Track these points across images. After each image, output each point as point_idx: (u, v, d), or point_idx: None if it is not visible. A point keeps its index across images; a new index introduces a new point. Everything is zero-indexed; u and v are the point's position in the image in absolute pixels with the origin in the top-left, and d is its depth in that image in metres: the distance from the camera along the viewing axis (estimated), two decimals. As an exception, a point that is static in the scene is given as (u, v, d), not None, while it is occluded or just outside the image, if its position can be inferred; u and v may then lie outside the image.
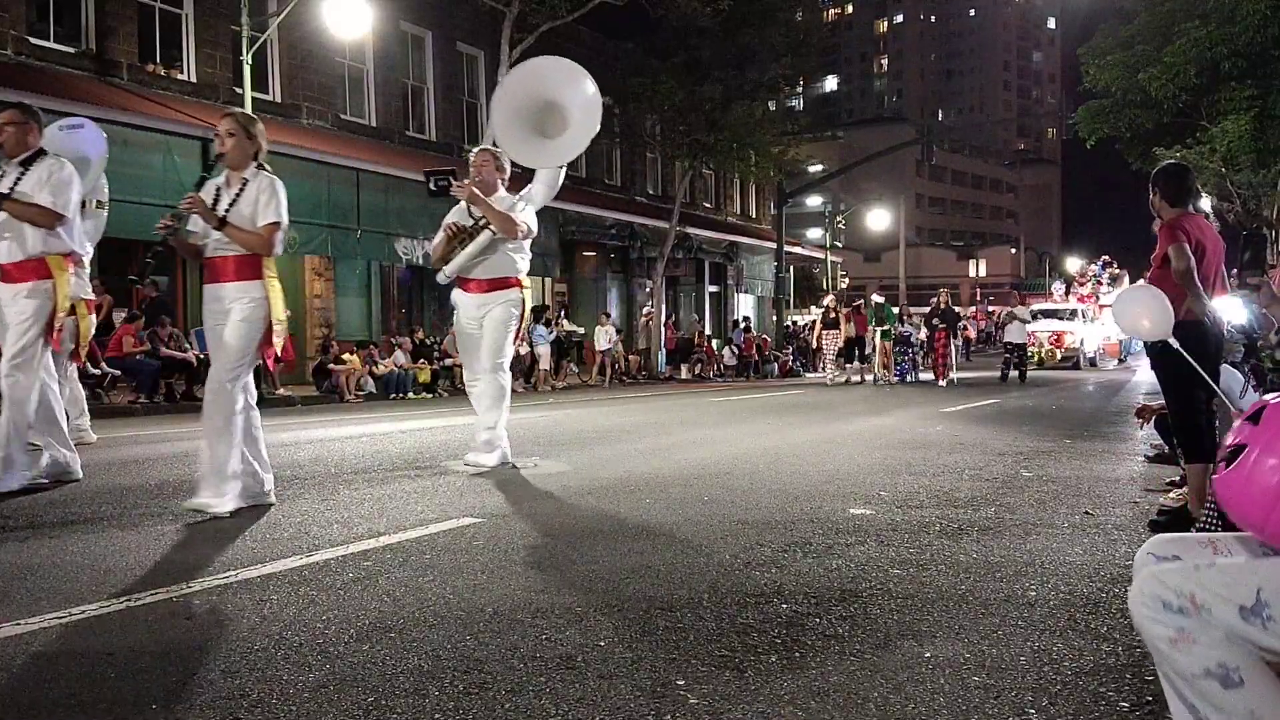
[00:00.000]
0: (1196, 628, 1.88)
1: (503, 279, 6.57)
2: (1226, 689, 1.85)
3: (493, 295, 6.56)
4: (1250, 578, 1.87)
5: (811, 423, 11.06)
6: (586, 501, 5.46)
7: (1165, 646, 1.91)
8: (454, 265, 6.55)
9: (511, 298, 6.60)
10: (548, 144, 6.46)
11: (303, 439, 9.03)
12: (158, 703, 2.46)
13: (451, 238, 6.57)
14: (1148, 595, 1.94)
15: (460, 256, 6.52)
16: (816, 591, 3.53)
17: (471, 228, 6.50)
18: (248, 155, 5.12)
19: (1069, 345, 27.87)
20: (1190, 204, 5.02)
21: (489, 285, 6.56)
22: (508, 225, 6.38)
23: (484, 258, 6.53)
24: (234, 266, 5.04)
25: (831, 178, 40.58)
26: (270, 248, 5.05)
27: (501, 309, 6.56)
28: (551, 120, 6.40)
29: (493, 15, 20.45)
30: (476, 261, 6.52)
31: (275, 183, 5.09)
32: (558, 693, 2.53)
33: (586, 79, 6.42)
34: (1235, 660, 1.86)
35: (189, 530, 4.59)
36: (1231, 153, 23.37)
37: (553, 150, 6.53)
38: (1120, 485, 6.26)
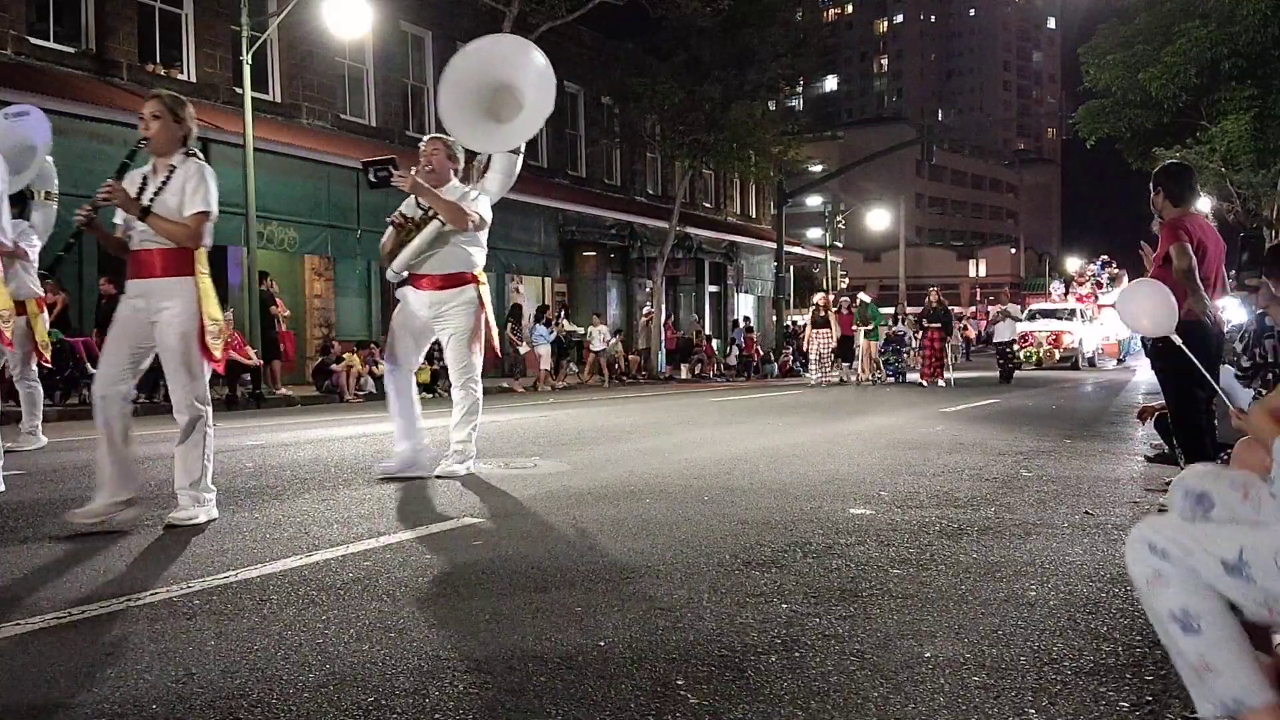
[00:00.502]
0: (1172, 572, 2.03)
1: (457, 275, 6.17)
2: (1186, 634, 2.01)
3: (447, 294, 6.16)
4: (1236, 537, 2.00)
5: (811, 423, 11.06)
6: (586, 501, 5.46)
7: (1144, 586, 2.09)
8: (401, 260, 6.16)
9: (467, 297, 6.19)
10: (501, 128, 6.07)
11: (303, 439, 9.03)
12: (158, 703, 2.46)
13: (398, 229, 6.20)
14: (1139, 538, 2.11)
15: (406, 250, 6.13)
16: (816, 591, 3.53)
17: (419, 219, 6.14)
18: (175, 140, 4.71)
19: (1067, 345, 27.80)
20: (1192, 204, 5.03)
21: (442, 281, 6.16)
22: (457, 216, 5.99)
23: (434, 251, 6.13)
24: (160, 261, 4.64)
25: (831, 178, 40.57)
26: (198, 240, 4.67)
27: (461, 316, 6.16)
28: (504, 102, 6.04)
29: (492, 15, 20.46)
30: (427, 256, 6.14)
31: (205, 170, 4.69)
32: (558, 692, 2.53)
33: (536, 53, 6.07)
34: (1199, 608, 2.00)
35: (188, 530, 4.59)
36: (1231, 152, 23.38)
37: (506, 134, 6.14)
38: (1120, 485, 6.26)
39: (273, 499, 5.50)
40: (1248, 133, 22.80)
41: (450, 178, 6.24)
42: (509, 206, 22.74)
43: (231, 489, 5.86)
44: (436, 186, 6.09)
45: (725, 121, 24.58)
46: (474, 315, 6.18)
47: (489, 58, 6.15)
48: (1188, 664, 2.02)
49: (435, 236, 6.06)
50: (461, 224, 6.01)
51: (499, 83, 6.04)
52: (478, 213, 6.08)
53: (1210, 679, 1.98)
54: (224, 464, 7.08)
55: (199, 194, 4.62)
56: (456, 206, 6.00)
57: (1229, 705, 1.97)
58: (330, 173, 18.18)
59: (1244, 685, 1.97)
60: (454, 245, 6.14)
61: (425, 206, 6.10)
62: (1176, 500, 2.32)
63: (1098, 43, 26.29)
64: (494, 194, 6.45)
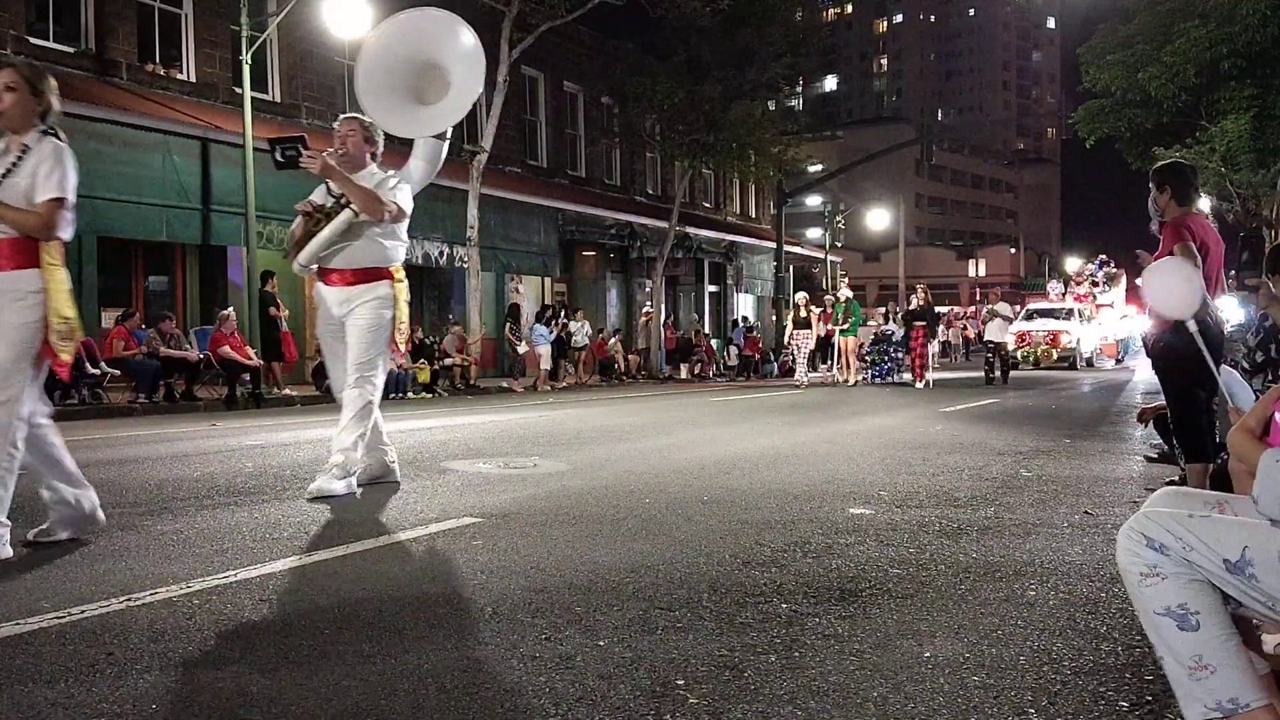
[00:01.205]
0: (1168, 566, 1.97)
1: (370, 270, 5.57)
2: (1182, 630, 1.95)
3: (358, 289, 5.55)
4: (1239, 534, 1.95)
5: (811, 423, 11.06)
6: (586, 501, 5.46)
7: (1136, 582, 2.02)
8: (307, 252, 5.55)
9: (380, 293, 5.58)
10: (425, 110, 5.59)
11: (302, 439, 9.03)
12: (157, 702, 2.46)
13: (307, 218, 5.60)
14: (1135, 530, 2.03)
15: (314, 241, 5.51)
16: (816, 591, 3.53)
17: (330, 207, 5.53)
18: (31, 115, 4.11)
19: (1065, 345, 27.73)
20: (1195, 204, 5.04)
21: (354, 277, 5.56)
22: (370, 204, 5.41)
23: (346, 244, 5.53)
24: (6, 251, 4.03)
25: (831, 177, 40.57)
26: (50, 229, 4.02)
27: (369, 310, 5.55)
28: (430, 83, 5.55)
29: (492, 15, 20.43)
30: (338, 248, 5.54)
31: (63, 151, 4.08)
32: (557, 692, 2.53)
33: (464, 29, 5.62)
34: (1196, 604, 1.95)
35: (188, 530, 4.59)
36: (1231, 152, 23.39)
37: (431, 117, 5.64)
38: (1120, 485, 6.26)
39: (272, 499, 5.49)
40: (1247, 132, 22.80)
41: (367, 162, 5.70)
42: (508, 206, 22.92)
43: (231, 489, 5.86)
44: (352, 171, 5.56)
45: (725, 121, 24.58)
46: (385, 314, 5.59)
47: (414, 33, 5.65)
48: (1179, 662, 1.97)
49: (347, 227, 5.47)
50: (377, 214, 5.43)
51: (424, 61, 5.52)
52: (396, 202, 5.51)
53: (1205, 678, 1.94)
54: (224, 464, 7.09)
55: (54, 178, 4.01)
56: (372, 194, 5.44)
57: (1224, 705, 1.92)
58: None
59: (1241, 684, 1.93)
60: (369, 238, 5.55)
61: (338, 193, 5.53)
62: None
63: (1097, 42, 26.29)
64: (417, 183, 5.92)
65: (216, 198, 16.18)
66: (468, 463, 7.08)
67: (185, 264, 17.86)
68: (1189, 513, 2.06)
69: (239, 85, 16.07)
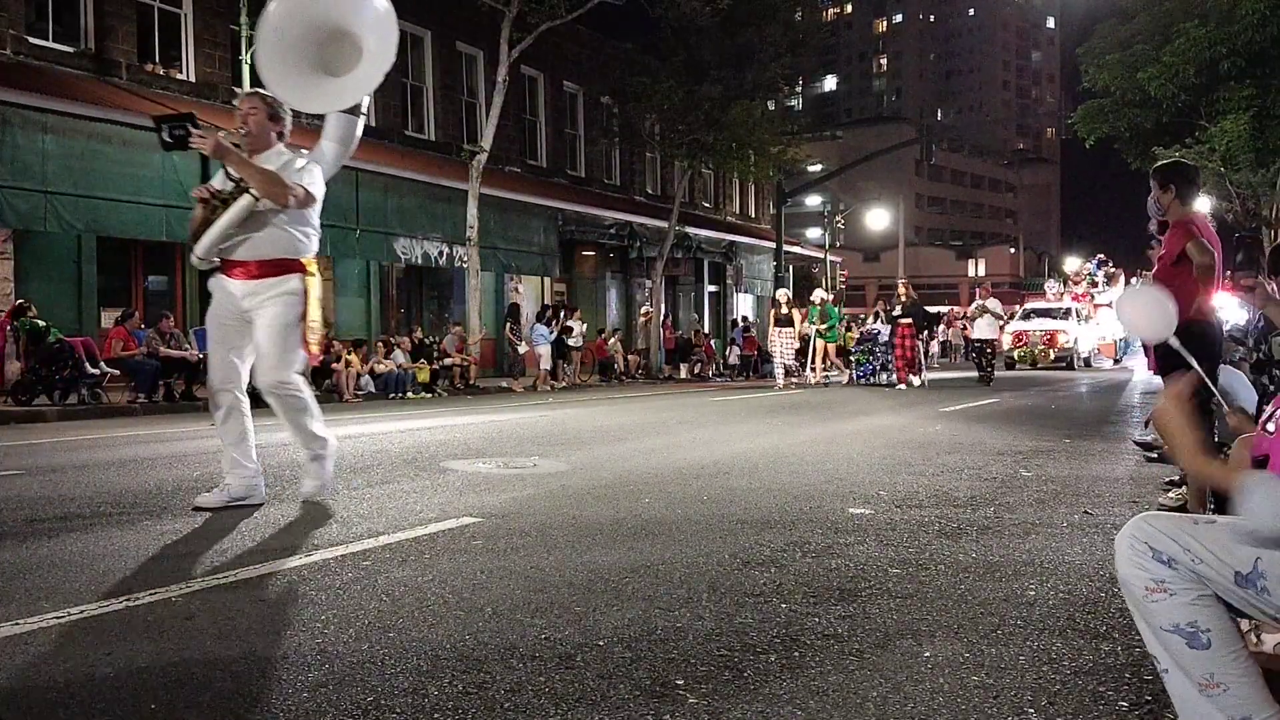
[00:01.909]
0: (1177, 582, 1.89)
1: (278, 261, 5.09)
2: (1192, 648, 1.88)
3: (264, 283, 5.07)
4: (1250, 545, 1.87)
5: (811, 422, 11.06)
6: (585, 501, 5.46)
7: (1139, 595, 1.93)
8: (205, 242, 5.04)
9: (289, 287, 5.09)
10: (335, 83, 5.07)
11: (302, 439, 9.01)
12: (157, 702, 2.46)
13: (204, 205, 5.08)
14: (1139, 539, 1.94)
15: (212, 230, 5.01)
16: (815, 591, 3.53)
17: (229, 193, 5.04)
18: None
19: (1062, 345, 27.65)
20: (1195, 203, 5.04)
21: (259, 269, 5.07)
22: (272, 187, 4.91)
23: (248, 233, 5.04)
24: None
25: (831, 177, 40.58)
26: None
27: (277, 307, 5.07)
28: (338, 53, 5.05)
29: (491, 15, 20.43)
30: (240, 238, 5.05)
31: None
32: (557, 692, 2.53)
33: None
34: (1207, 622, 1.88)
35: (188, 530, 4.59)
36: (1230, 152, 23.37)
37: (340, 89, 5.12)
38: (1119, 485, 6.26)
39: (271, 499, 5.49)
40: (1247, 132, 22.79)
41: (273, 142, 5.19)
42: (508, 206, 22.91)
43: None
44: (256, 152, 5.10)
45: (724, 121, 24.58)
46: (292, 308, 5.10)
47: None
48: (1190, 680, 1.91)
49: (248, 214, 4.99)
50: (280, 199, 4.94)
51: (332, 28, 5.04)
52: (302, 186, 5.02)
53: (1217, 695, 1.88)
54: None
55: None
56: (273, 177, 4.95)
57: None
58: (329, 172, 18.18)
59: (1254, 701, 1.88)
60: (274, 226, 5.06)
61: (237, 177, 5.04)
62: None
63: (1096, 42, 26.29)
64: (329, 163, 5.41)
65: (216, 198, 16.17)
66: (467, 462, 7.08)
67: (185, 264, 17.84)
68: (1194, 519, 2.00)
69: (239, 85, 16.06)
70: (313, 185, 5.10)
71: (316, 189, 5.13)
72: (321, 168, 5.26)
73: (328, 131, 5.46)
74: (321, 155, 5.37)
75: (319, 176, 5.19)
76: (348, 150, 5.54)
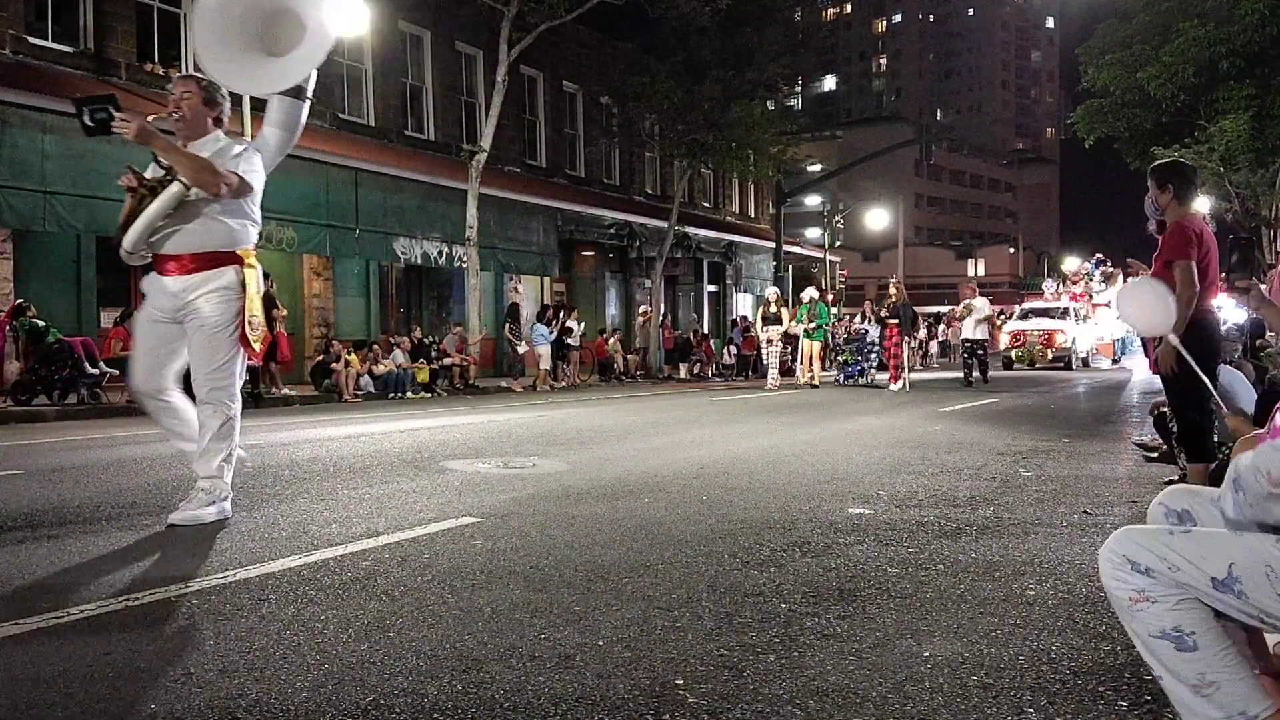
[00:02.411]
0: (1157, 590, 1.94)
1: (213, 255, 4.75)
2: (1180, 651, 1.93)
3: (198, 278, 4.72)
4: (1224, 550, 1.92)
5: (810, 422, 11.06)
6: (585, 501, 5.46)
7: (1125, 605, 2.00)
8: (132, 234, 4.70)
9: (225, 282, 4.75)
10: (273, 63, 4.77)
11: (301, 439, 9.03)
12: (156, 702, 2.46)
13: (131, 194, 4.74)
14: (1117, 552, 2.01)
15: (139, 221, 4.67)
16: (815, 591, 3.53)
17: (157, 181, 4.71)
18: None
19: (1060, 345, 27.60)
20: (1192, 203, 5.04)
21: (193, 264, 4.72)
22: (202, 175, 4.57)
23: (178, 225, 4.71)
24: None
25: (830, 177, 40.60)
26: None
27: (212, 304, 4.73)
28: (280, 32, 4.77)
29: (491, 14, 20.45)
30: (171, 230, 4.71)
31: None
32: (556, 692, 2.53)
33: None
34: (1191, 625, 1.93)
35: (187, 530, 4.59)
36: (1230, 152, 23.39)
37: (284, 70, 4.79)
38: (1119, 484, 6.26)
39: (271, 499, 5.49)
40: (1246, 132, 22.81)
41: (209, 128, 4.87)
42: (507, 206, 22.92)
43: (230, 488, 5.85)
44: (192, 139, 4.80)
45: (724, 121, 24.59)
46: (230, 306, 4.76)
47: None
48: (1183, 683, 1.95)
49: (178, 204, 4.65)
50: (212, 187, 4.60)
51: (273, 5, 4.76)
52: (236, 174, 4.68)
53: (1212, 694, 1.92)
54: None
55: None
56: (203, 164, 4.61)
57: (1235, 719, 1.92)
58: (329, 172, 18.18)
59: (1248, 696, 1.92)
60: (208, 217, 4.73)
61: (167, 164, 4.73)
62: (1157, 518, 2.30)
63: (1096, 42, 26.31)
64: (272, 151, 5.06)
65: (215, 197, 16.18)
66: (467, 462, 7.08)
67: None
68: (1169, 529, 2.04)
69: (238, 85, 16.03)
70: (249, 174, 4.77)
71: (254, 177, 4.81)
72: (263, 155, 4.96)
73: (270, 117, 5.09)
74: (264, 142, 5.04)
75: (258, 164, 4.87)
76: (293, 137, 5.15)
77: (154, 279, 4.84)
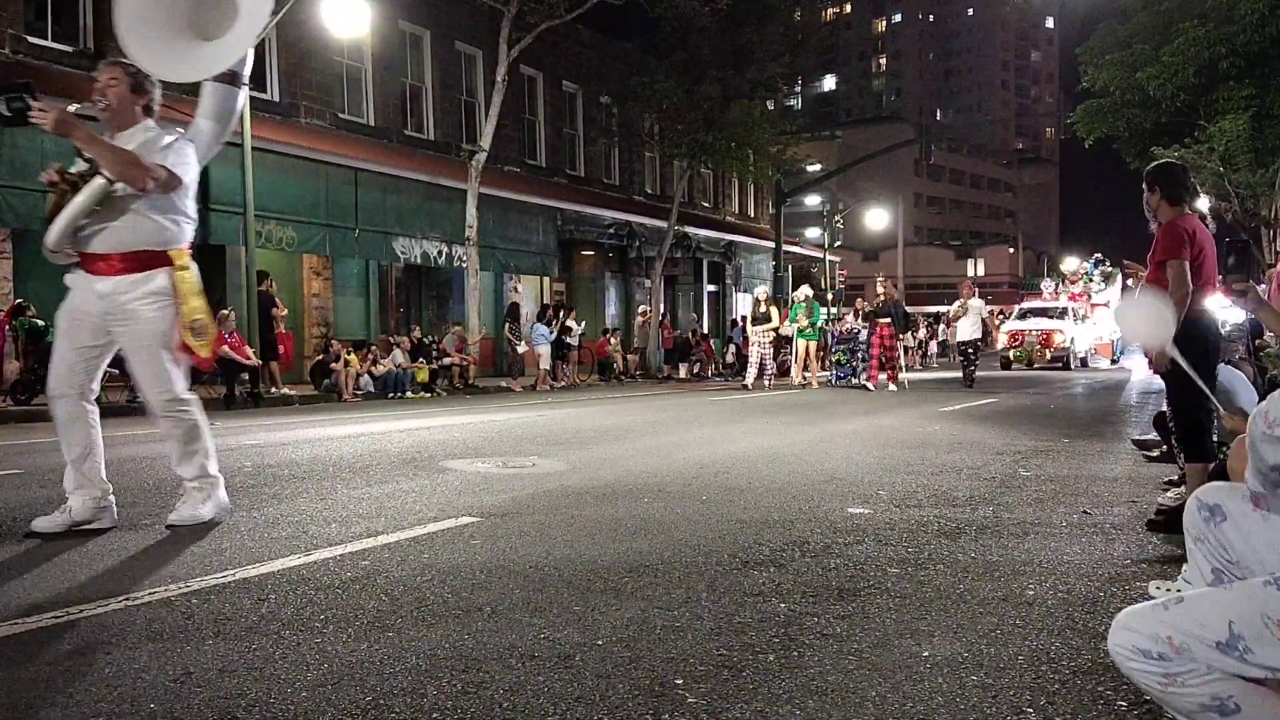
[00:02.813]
0: (1181, 669, 1.94)
1: (143, 255, 4.45)
2: (1225, 717, 1.92)
3: (126, 280, 4.42)
4: (1219, 612, 1.92)
5: (810, 422, 11.06)
6: (584, 501, 5.46)
7: (1158, 690, 1.98)
8: (54, 231, 4.41)
9: (155, 286, 4.46)
10: (205, 47, 4.48)
11: (301, 438, 9.02)
12: (156, 702, 2.46)
13: (53, 188, 4.46)
14: (1126, 646, 2.00)
15: (60, 217, 4.39)
16: (814, 590, 3.54)
17: (80, 175, 4.44)
18: None
19: (1058, 345, 27.55)
20: (1187, 203, 5.02)
21: (122, 264, 4.42)
22: (126, 168, 4.29)
23: (104, 222, 4.42)
24: None
25: (830, 177, 40.59)
26: None
27: (145, 311, 4.45)
28: (210, 12, 4.47)
29: (491, 14, 20.44)
30: (97, 227, 4.42)
31: None
32: (556, 692, 2.53)
33: None
34: (1228, 690, 1.92)
35: (186, 530, 4.59)
36: (1230, 152, 23.37)
37: (217, 54, 4.51)
38: (1118, 484, 6.26)
39: (270, 498, 5.49)
40: (1246, 132, 22.79)
41: (137, 117, 4.58)
42: (507, 205, 22.92)
43: (230, 488, 5.85)
44: (120, 129, 4.52)
45: (724, 121, 24.59)
46: (164, 314, 4.49)
47: None
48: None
49: (102, 199, 4.37)
50: (137, 181, 4.31)
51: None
52: (164, 167, 4.39)
53: None
54: (222, 463, 7.07)
55: None
56: (126, 156, 4.33)
57: None
58: (328, 172, 18.19)
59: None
60: (136, 213, 4.42)
61: (89, 156, 4.46)
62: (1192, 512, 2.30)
63: (1096, 42, 26.29)
64: (206, 142, 4.75)
65: (215, 197, 16.16)
66: (466, 462, 7.08)
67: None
68: (1162, 603, 2.02)
69: (238, 84, 16.03)
70: (179, 166, 4.46)
71: (184, 170, 4.50)
72: (196, 147, 4.67)
73: (202, 106, 4.76)
74: (197, 133, 4.73)
75: (189, 157, 4.58)
76: (227, 127, 4.86)
77: (81, 277, 4.54)
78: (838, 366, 20.36)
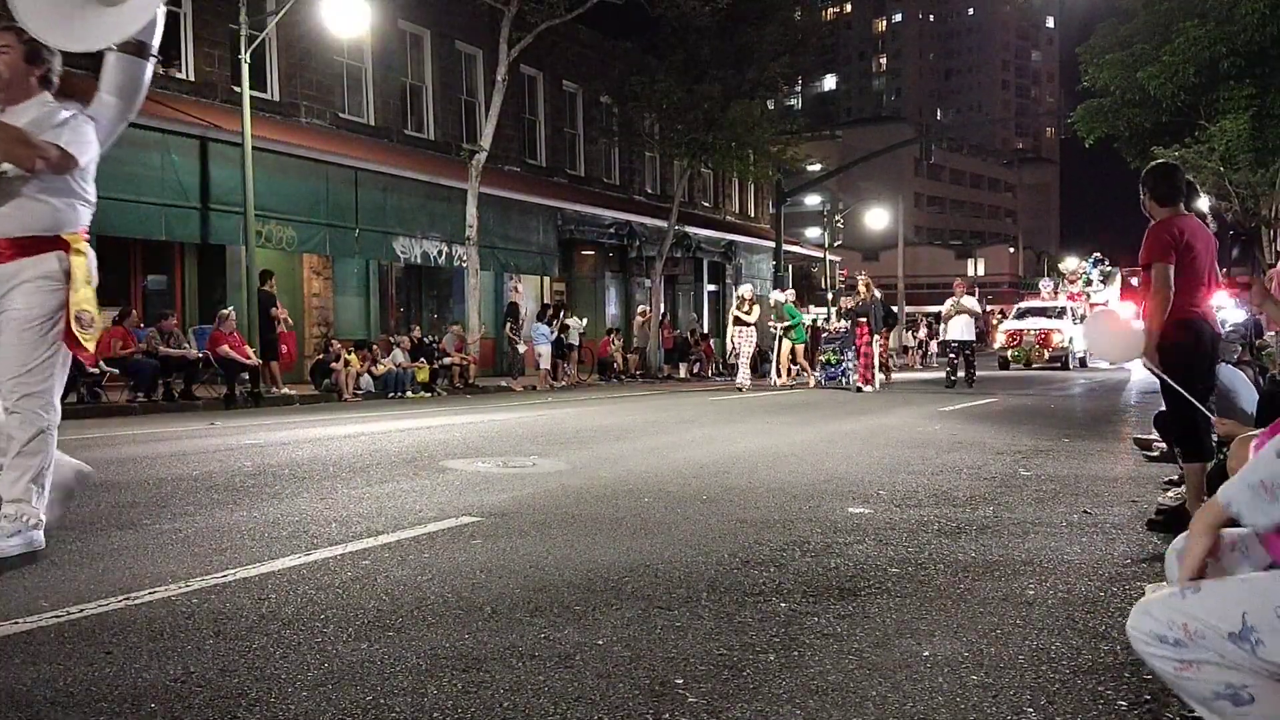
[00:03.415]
0: (1197, 655, 1.94)
1: (35, 239, 4.01)
2: (1238, 706, 1.92)
3: (16, 265, 3.99)
4: (1234, 603, 1.92)
5: (810, 422, 11.06)
6: (585, 500, 5.46)
7: (1172, 676, 1.98)
8: None
9: (44, 271, 4.00)
10: (105, 13, 4.11)
11: (301, 438, 9.02)
12: (156, 701, 2.46)
13: None
14: (1143, 631, 2.00)
15: None
16: (815, 590, 3.54)
17: None
18: None
19: (1057, 344, 27.54)
20: (1181, 203, 5.00)
21: (12, 249, 3.99)
22: (14, 147, 3.89)
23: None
24: None
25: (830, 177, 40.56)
26: None
27: (30, 295, 3.98)
28: None
29: (491, 14, 20.43)
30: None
31: None
32: (556, 691, 2.53)
33: None
34: (1243, 679, 1.91)
35: (188, 530, 4.59)
36: (1230, 152, 23.37)
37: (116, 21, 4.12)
38: (1118, 484, 6.26)
39: (271, 498, 5.49)
40: (1246, 132, 22.79)
41: (33, 90, 4.18)
42: (507, 205, 22.92)
43: (230, 488, 5.86)
44: (12, 103, 4.12)
45: (724, 120, 24.59)
46: (49, 298, 4.01)
47: None
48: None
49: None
50: (25, 161, 3.91)
51: None
52: (57, 146, 3.97)
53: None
54: (223, 463, 7.08)
55: None
56: (14, 134, 3.91)
57: None
58: (329, 172, 18.19)
59: None
60: (26, 196, 4.00)
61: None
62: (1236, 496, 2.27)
63: (1096, 42, 26.29)
64: (109, 119, 4.36)
65: (215, 197, 16.18)
66: (467, 462, 7.08)
67: (184, 263, 17.85)
68: (1180, 592, 2.01)
69: (238, 84, 16.06)
70: (74, 145, 4.04)
71: (80, 149, 4.08)
72: (98, 126, 4.27)
73: (105, 79, 4.38)
74: (100, 110, 4.34)
75: (88, 135, 4.16)
76: (133, 104, 4.46)
77: None
78: (827, 366, 20.31)
